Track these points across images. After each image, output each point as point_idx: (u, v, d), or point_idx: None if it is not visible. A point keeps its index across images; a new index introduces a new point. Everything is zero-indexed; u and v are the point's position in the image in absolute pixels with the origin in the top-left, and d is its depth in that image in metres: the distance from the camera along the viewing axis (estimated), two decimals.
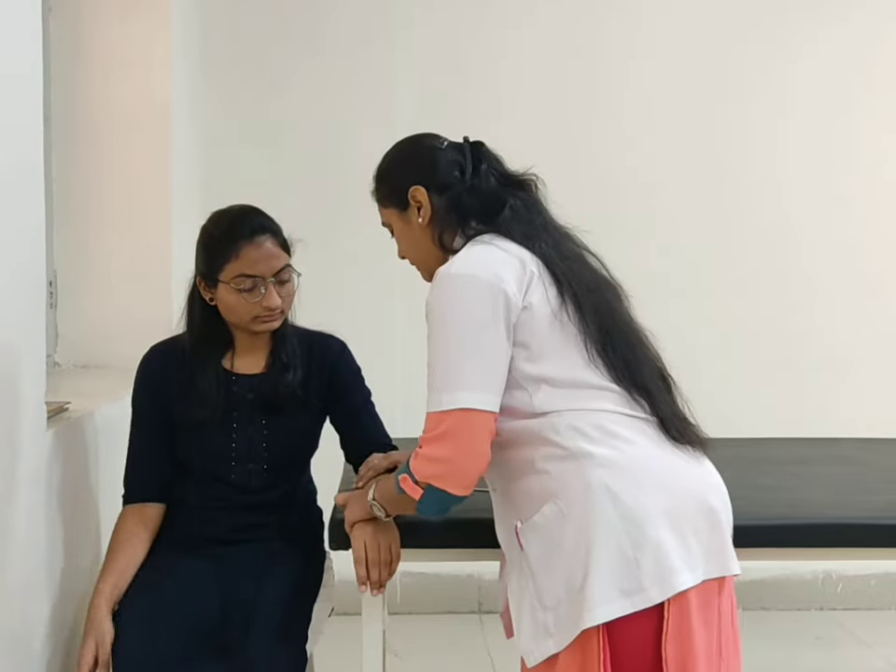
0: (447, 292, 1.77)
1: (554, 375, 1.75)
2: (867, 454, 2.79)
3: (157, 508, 2.25)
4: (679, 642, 1.66)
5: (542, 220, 1.88)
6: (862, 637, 3.75)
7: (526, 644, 1.73)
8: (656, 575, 1.66)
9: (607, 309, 1.81)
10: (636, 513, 1.68)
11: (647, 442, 1.75)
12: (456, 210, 1.87)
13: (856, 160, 4.01)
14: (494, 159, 1.93)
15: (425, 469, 1.74)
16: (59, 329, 3.21)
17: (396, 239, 1.99)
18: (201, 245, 2.23)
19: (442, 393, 1.73)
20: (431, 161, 1.91)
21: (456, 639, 3.70)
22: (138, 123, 3.19)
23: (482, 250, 1.80)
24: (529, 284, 1.76)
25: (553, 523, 1.72)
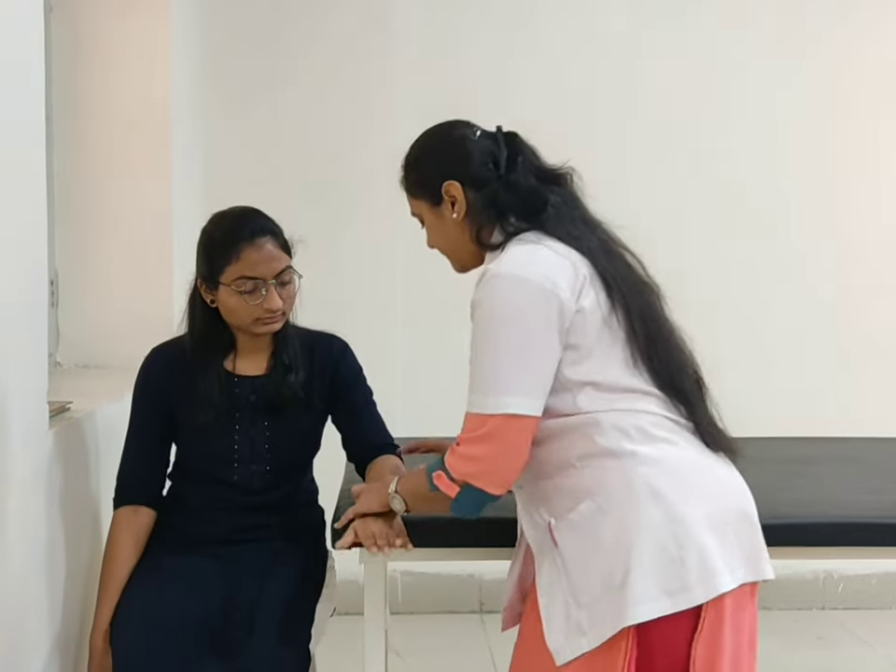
0: (499, 293, 1.72)
1: (600, 379, 1.73)
2: (873, 453, 2.78)
3: (149, 514, 2.25)
4: (709, 644, 1.66)
5: (584, 218, 1.85)
6: (863, 636, 3.75)
7: (557, 642, 1.71)
8: (700, 575, 1.65)
9: (651, 314, 1.80)
10: (679, 513, 1.67)
11: (687, 445, 1.76)
12: (494, 206, 1.82)
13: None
14: (529, 150, 1.88)
15: (463, 467, 1.72)
16: (60, 329, 3.21)
17: (426, 230, 1.93)
18: (201, 248, 2.23)
19: (488, 396, 1.70)
20: (465, 153, 1.85)
21: (458, 639, 3.70)
22: (139, 122, 3.19)
23: (532, 251, 1.76)
24: (582, 288, 1.73)
25: (590, 520, 1.70)
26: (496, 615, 3.85)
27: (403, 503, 1.90)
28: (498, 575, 3.84)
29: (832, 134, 4.00)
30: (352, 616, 2.35)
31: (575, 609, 1.69)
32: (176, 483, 2.32)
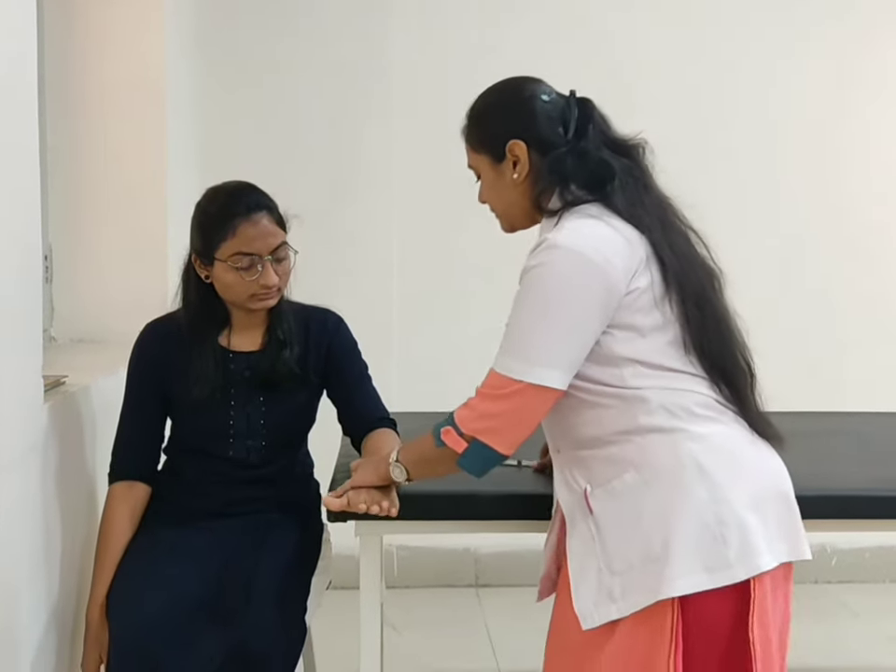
0: (555, 263, 1.70)
1: (649, 359, 1.73)
2: (866, 427, 2.79)
3: (144, 489, 2.25)
4: (762, 624, 1.66)
5: (650, 195, 1.81)
6: (857, 609, 3.78)
7: (585, 606, 1.71)
8: (741, 553, 1.65)
9: (706, 301, 1.78)
10: (724, 491, 1.67)
11: (733, 425, 1.76)
12: (559, 172, 1.77)
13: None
14: (601, 118, 1.83)
15: (476, 421, 1.72)
16: (54, 304, 3.20)
17: (481, 185, 1.89)
18: (196, 223, 2.22)
19: (520, 362, 1.70)
20: (534, 114, 1.80)
21: (454, 613, 3.72)
22: (133, 97, 3.17)
23: (592, 226, 1.73)
24: (637, 269, 1.72)
25: (633, 490, 1.70)
26: (491, 589, 3.92)
27: (405, 471, 1.89)
28: (494, 549, 3.91)
29: (832, 117, 3.98)
30: (348, 590, 2.36)
31: (608, 575, 1.69)
32: (171, 457, 2.33)
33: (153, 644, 1.98)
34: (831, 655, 3.33)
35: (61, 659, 2.16)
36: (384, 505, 1.92)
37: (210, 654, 1.98)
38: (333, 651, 2.77)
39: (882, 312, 4.03)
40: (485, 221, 1.97)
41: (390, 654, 2.89)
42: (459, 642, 3.43)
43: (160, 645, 1.98)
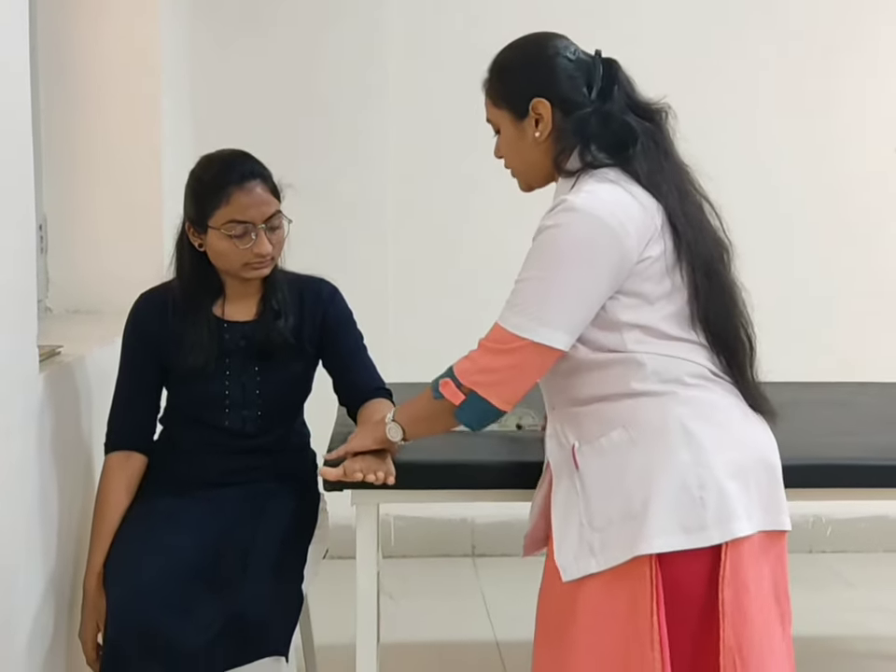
0: (570, 225, 1.69)
1: (653, 326, 1.74)
2: (859, 396, 2.80)
3: (141, 458, 2.26)
4: (734, 587, 1.68)
5: (670, 162, 1.79)
6: (851, 579, 3.80)
7: (566, 559, 1.74)
8: (718, 517, 1.67)
9: (715, 272, 1.78)
10: (708, 456, 1.69)
11: (726, 396, 1.78)
12: (581, 133, 1.76)
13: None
14: (626, 82, 1.81)
15: (475, 374, 1.73)
16: (49, 275, 3.19)
17: (500, 141, 1.87)
18: (190, 191, 2.21)
19: (525, 318, 1.70)
20: (560, 72, 1.78)
21: (450, 582, 3.74)
22: (127, 63, 3.15)
23: (610, 191, 1.72)
24: (651, 237, 1.72)
25: (619, 448, 1.73)
26: (487, 559, 3.93)
27: (401, 430, 1.90)
28: (491, 519, 3.92)
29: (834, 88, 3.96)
30: (345, 559, 2.37)
31: (588, 530, 1.72)
32: (168, 427, 2.33)
33: (150, 612, 1.98)
34: (825, 624, 3.35)
35: (58, 627, 2.17)
36: (379, 474, 1.92)
37: (207, 623, 1.99)
38: (330, 619, 2.78)
39: (876, 284, 4.02)
40: (482, 193, 1.97)
41: (386, 623, 2.91)
42: (456, 611, 3.45)
43: (157, 613, 1.98)
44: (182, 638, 1.97)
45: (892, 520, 4.07)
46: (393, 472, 1.96)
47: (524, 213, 2.12)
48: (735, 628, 1.68)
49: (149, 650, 1.97)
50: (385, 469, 1.94)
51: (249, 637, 1.99)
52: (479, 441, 2.23)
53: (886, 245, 4.03)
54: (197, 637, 1.97)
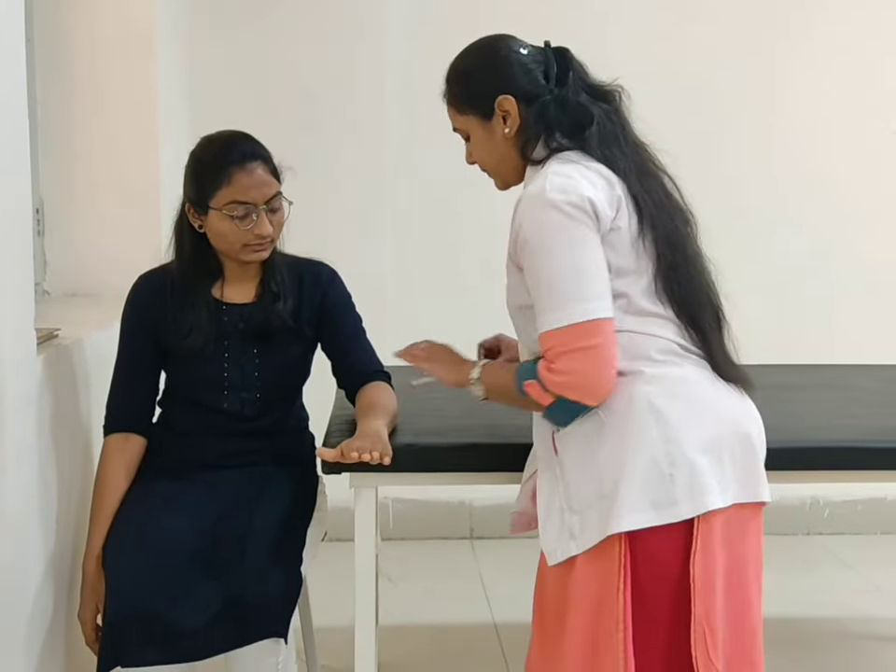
0: (550, 210, 1.71)
1: (626, 295, 1.76)
2: (856, 378, 2.81)
3: (139, 441, 2.26)
4: (705, 560, 1.69)
5: (627, 139, 1.84)
6: (848, 561, 3.81)
7: (550, 543, 1.78)
8: (689, 492, 1.69)
9: (678, 241, 1.81)
10: (675, 432, 1.71)
11: (694, 369, 1.79)
12: (543, 122, 1.81)
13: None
14: (579, 66, 1.87)
15: (562, 380, 1.71)
16: (47, 258, 3.19)
17: (471, 146, 1.91)
18: (190, 171, 2.20)
19: (572, 307, 1.70)
20: (517, 68, 1.84)
21: (448, 564, 3.75)
22: (123, 46, 3.13)
23: (572, 170, 1.76)
24: (619, 207, 1.75)
25: (591, 431, 1.74)
26: (486, 541, 3.94)
27: (483, 392, 1.91)
28: (489, 502, 3.93)
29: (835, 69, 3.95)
30: (344, 542, 2.37)
31: (568, 514, 1.75)
32: (166, 410, 2.33)
33: (149, 594, 1.99)
34: (821, 606, 3.36)
35: (58, 610, 2.18)
36: (375, 454, 1.94)
37: (206, 605, 1.99)
38: (329, 601, 2.79)
39: (871, 265, 4.02)
40: (482, 174, 1.97)
41: (385, 605, 2.92)
42: (454, 593, 3.46)
43: (155, 595, 1.99)
44: (181, 620, 1.98)
45: (889, 502, 4.09)
46: (390, 453, 1.96)
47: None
48: (706, 602, 1.70)
49: (148, 631, 1.98)
50: (380, 450, 1.95)
51: (248, 620, 1.99)
52: (477, 425, 2.23)
53: (884, 228, 4.03)
54: (195, 619, 1.98)
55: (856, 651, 3.08)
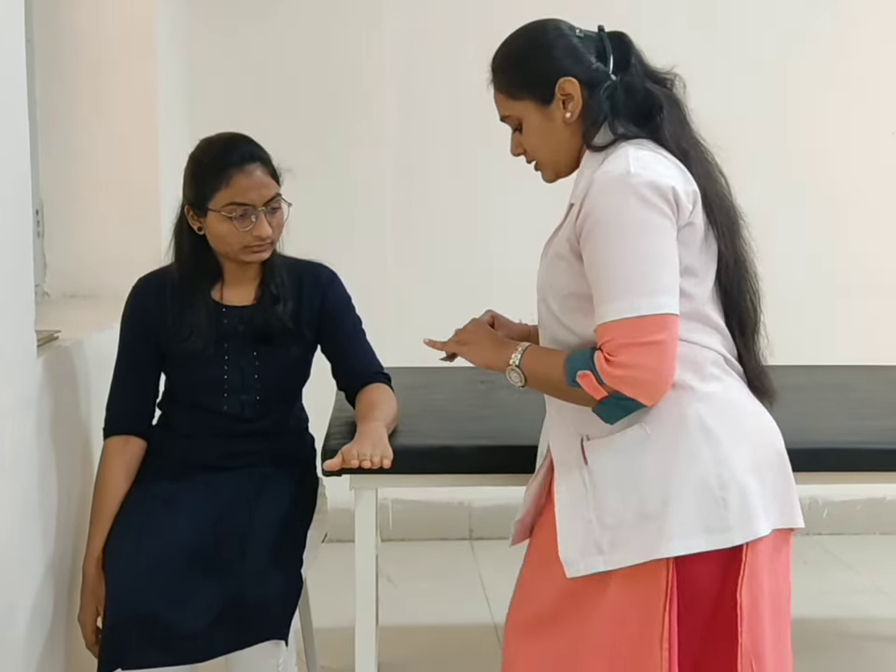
0: (631, 193, 1.62)
1: (686, 302, 1.67)
2: (856, 380, 2.81)
3: (139, 443, 2.26)
4: (752, 588, 1.66)
5: (690, 130, 1.77)
6: (847, 561, 3.81)
7: (571, 555, 1.70)
8: (741, 517, 1.64)
9: (737, 241, 1.77)
10: (727, 453, 1.65)
11: (737, 385, 1.75)
12: (609, 106, 1.72)
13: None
14: (638, 52, 1.79)
15: (623, 374, 1.60)
16: (47, 259, 3.19)
17: (523, 135, 1.79)
18: (189, 173, 2.21)
19: (640, 297, 1.60)
20: (575, 50, 1.74)
21: (448, 565, 3.75)
22: (123, 48, 3.14)
23: (655, 157, 1.68)
24: (695, 201, 1.68)
25: (633, 444, 1.68)
26: (485, 542, 3.94)
27: (523, 378, 1.78)
28: (488, 502, 3.93)
29: (836, 73, 3.95)
30: (344, 543, 2.37)
31: (598, 528, 1.68)
32: (166, 412, 2.33)
33: (149, 597, 1.99)
34: (821, 606, 3.36)
35: (58, 612, 2.18)
36: (375, 459, 1.93)
37: (206, 607, 1.99)
38: (329, 602, 2.79)
39: (873, 266, 4.02)
40: (480, 174, 1.97)
41: (385, 606, 2.91)
42: (454, 594, 3.46)
43: (156, 598, 1.99)
44: (181, 622, 1.98)
45: (888, 502, 4.09)
46: (390, 456, 1.96)
47: (523, 189, 2.10)
48: (752, 631, 1.66)
49: (148, 634, 1.98)
50: (380, 453, 1.95)
51: (248, 621, 1.99)
52: (477, 427, 2.23)
53: (886, 229, 4.03)
54: (196, 621, 1.98)
55: (855, 650, 3.09)
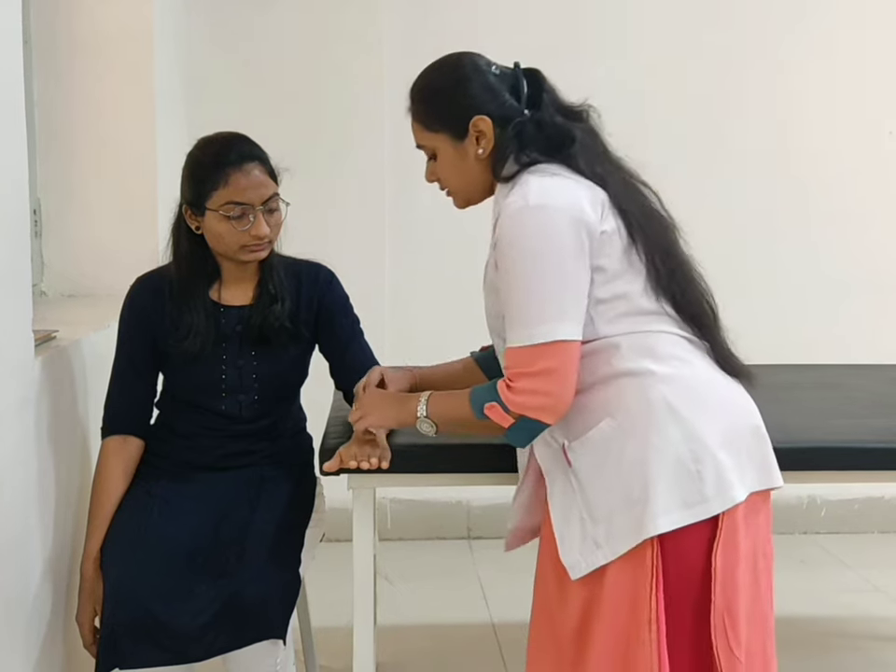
0: (528, 224, 1.72)
1: (625, 295, 1.77)
2: (854, 379, 2.81)
3: (137, 443, 2.26)
4: (727, 552, 1.71)
5: (608, 155, 1.86)
6: (845, 560, 3.81)
7: (573, 557, 1.75)
8: (717, 487, 1.70)
9: (669, 248, 1.83)
10: (696, 429, 1.71)
11: (701, 363, 1.81)
12: (519, 142, 1.81)
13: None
14: (551, 88, 1.87)
15: (524, 401, 1.72)
16: (44, 259, 3.19)
17: (437, 164, 1.90)
18: (187, 173, 2.20)
19: (534, 327, 1.71)
20: (491, 88, 1.83)
21: (446, 565, 3.75)
22: (120, 48, 3.14)
23: (555, 181, 1.76)
24: (603, 211, 1.76)
25: (610, 438, 1.74)
26: (483, 541, 3.94)
27: (434, 427, 1.89)
28: (486, 502, 3.93)
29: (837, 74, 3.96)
30: (342, 543, 2.37)
31: (591, 524, 1.73)
32: (164, 412, 2.33)
33: (147, 597, 1.99)
34: (819, 605, 3.37)
35: (56, 612, 2.18)
36: (373, 461, 1.95)
37: (204, 606, 1.99)
38: (327, 602, 2.80)
39: (869, 265, 4.02)
40: None
41: (383, 605, 2.92)
42: (452, 593, 3.46)
43: (153, 597, 1.99)
44: (179, 622, 1.98)
45: (886, 501, 4.09)
46: (388, 457, 1.97)
47: None
48: (725, 591, 1.71)
49: (146, 634, 1.98)
50: (378, 455, 1.96)
51: (246, 621, 1.99)
52: None
53: (882, 228, 4.03)
54: (194, 620, 1.98)
55: (853, 649, 3.09)
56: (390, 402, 1.98)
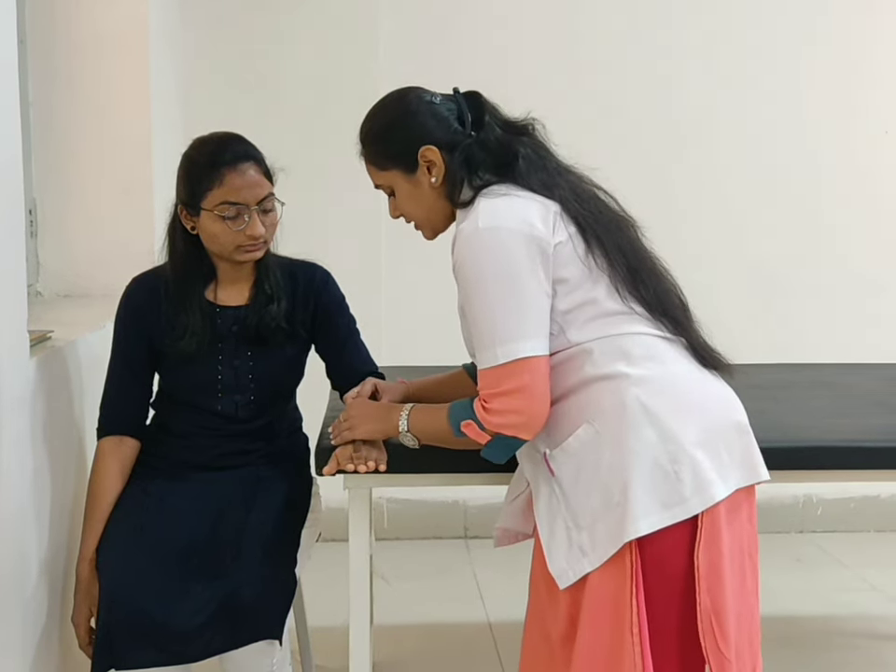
0: (479, 247, 1.75)
1: (590, 301, 1.78)
2: (849, 378, 2.81)
3: (133, 443, 2.25)
4: (709, 551, 1.71)
5: (554, 165, 1.88)
6: (841, 558, 3.82)
7: (560, 566, 1.76)
8: (695, 487, 1.70)
9: (630, 248, 1.84)
10: (672, 430, 1.71)
11: (677, 361, 1.80)
12: (468, 166, 1.85)
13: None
14: (492, 107, 1.91)
15: (499, 421, 1.76)
16: (40, 259, 3.18)
17: (396, 200, 1.94)
18: (183, 172, 2.20)
19: (497, 347, 1.74)
20: (433, 117, 1.87)
21: (443, 564, 3.75)
22: (116, 47, 3.13)
23: (504, 202, 1.79)
24: (555, 223, 1.78)
25: (588, 444, 1.74)
26: (480, 540, 3.95)
27: (416, 440, 1.94)
28: (483, 501, 3.93)
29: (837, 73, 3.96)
30: (338, 542, 2.37)
31: (576, 532, 1.74)
32: (160, 412, 2.33)
33: (143, 597, 1.99)
34: (816, 604, 3.37)
35: (52, 613, 2.17)
36: (370, 464, 1.96)
37: (200, 607, 1.99)
38: (323, 602, 2.80)
39: (863, 264, 4.02)
40: None
41: (380, 605, 2.92)
42: (449, 593, 3.47)
43: (149, 598, 1.99)
44: (175, 623, 1.98)
45: (882, 500, 4.10)
46: (385, 459, 1.98)
47: None
48: (711, 591, 1.71)
49: (142, 634, 1.98)
50: (375, 457, 1.97)
51: (243, 621, 1.99)
52: None
53: (875, 227, 4.04)
54: (190, 621, 1.98)
55: (849, 648, 3.09)
56: (374, 413, 2.03)
